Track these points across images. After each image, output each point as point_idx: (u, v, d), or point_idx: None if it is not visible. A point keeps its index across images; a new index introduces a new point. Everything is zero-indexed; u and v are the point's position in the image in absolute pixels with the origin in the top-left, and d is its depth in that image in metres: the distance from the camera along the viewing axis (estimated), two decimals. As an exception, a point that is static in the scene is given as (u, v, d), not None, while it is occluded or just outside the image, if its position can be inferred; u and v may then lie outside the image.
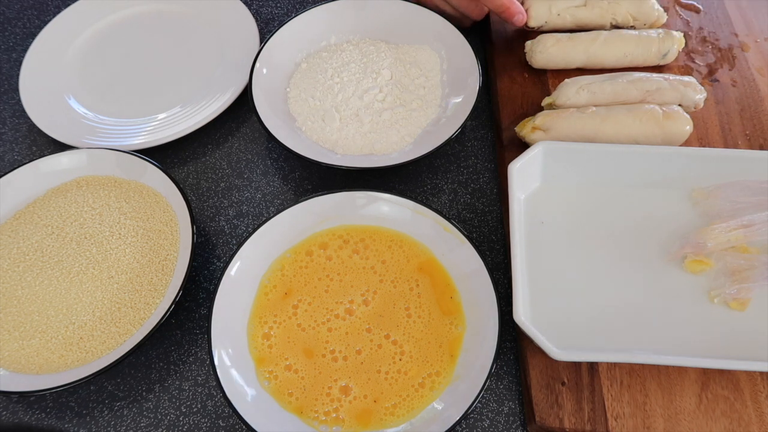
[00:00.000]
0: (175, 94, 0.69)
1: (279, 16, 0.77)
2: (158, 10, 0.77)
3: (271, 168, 0.65)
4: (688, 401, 0.47)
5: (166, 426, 0.51)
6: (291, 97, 0.65)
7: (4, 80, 0.74)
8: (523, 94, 0.65)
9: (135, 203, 0.57)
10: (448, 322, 0.51)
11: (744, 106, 0.63)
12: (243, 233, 0.61)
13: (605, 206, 0.56)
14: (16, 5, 0.82)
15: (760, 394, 0.47)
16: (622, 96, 0.60)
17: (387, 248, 0.55)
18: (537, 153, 0.55)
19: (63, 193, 0.59)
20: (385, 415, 0.48)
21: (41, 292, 0.52)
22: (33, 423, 0.51)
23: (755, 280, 0.50)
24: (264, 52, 0.66)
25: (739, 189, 0.54)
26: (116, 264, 0.54)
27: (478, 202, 0.62)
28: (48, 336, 0.51)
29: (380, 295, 0.53)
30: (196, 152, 0.67)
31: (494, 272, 0.51)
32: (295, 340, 0.51)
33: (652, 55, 0.64)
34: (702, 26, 0.70)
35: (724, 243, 0.52)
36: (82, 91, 0.70)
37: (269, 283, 0.54)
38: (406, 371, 0.49)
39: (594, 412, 0.47)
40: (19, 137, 0.69)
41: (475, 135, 0.66)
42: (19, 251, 0.55)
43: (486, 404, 0.51)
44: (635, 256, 0.53)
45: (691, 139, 0.60)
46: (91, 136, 0.66)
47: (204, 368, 0.54)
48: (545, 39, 0.64)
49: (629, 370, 0.49)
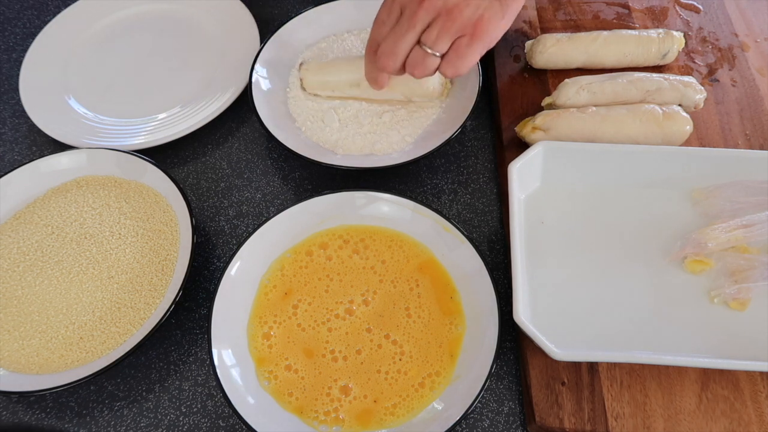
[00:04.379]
0: (175, 94, 0.69)
1: (279, 16, 0.77)
2: (158, 10, 0.77)
3: (271, 168, 0.65)
4: (688, 401, 0.47)
5: (166, 426, 0.51)
6: (291, 97, 0.65)
7: (4, 80, 0.74)
8: (523, 94, 0.65)
9: (135, 203, 0.57)
10: (448, 322, 0.51)
11: (744, 106, 0.63)
12: (243, 233, 0.61)
13: (605, 206, 0.56)
14: (16, 5, 0.82)
15: (760, 394, 0.47)
16: (622, 96, 0.60)
17: (387, 248, 0.55)
18: (537, 153, 0.55)
19: (63, 193, 0.59)
20: (385, 415, 0.48)
21: (41, 292, 0.52)
22: (33, 423, 0.51)
23: (755, 280, 0.50)
24: (264, 52, 0.66)
25: (739, 189, 0.54)
26: (116, 264, 0.54)
27: (478, 202, 0.62)
28: (48, 336, 0.51)
29: (380, 295, 0.53)
30: (196, 152, 0.66)
31: (494, 272, 0.51)
32: (295, 340, 0.51)
33: (652, 55, 0.64)
34: (702, 26, 0.70)
35: (724, 243, 0.52)
36: (82, 91, 0.70)
37: (269, 283, 0.54)
38: (406, 371, 0.49)
39: (594, 412, 0.47)
40: (19, 137, 0.69)
41: (475, 135, 0.66)
42: (19, 251, 0.55)
43: (486, 404, 0.51)
44: (635, 256, 0.53)
45: (691, 139, 0.60)
46: (91, 136, 0.66)
47: (204, 368, 0.54)
48: (545, 39, 0.64)
49: (629, 370, 0.49)
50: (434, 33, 0.49)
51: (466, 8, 0.48)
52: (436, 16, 0.48)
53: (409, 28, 0.49)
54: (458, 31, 0.49)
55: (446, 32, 0.49)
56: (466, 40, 0.49)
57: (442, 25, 0.48)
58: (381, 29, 0.52)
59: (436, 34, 0.49)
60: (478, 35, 0.49)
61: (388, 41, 0.51)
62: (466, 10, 0.48)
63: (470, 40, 0.49)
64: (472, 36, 0.49)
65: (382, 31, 0.51)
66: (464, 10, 0.48)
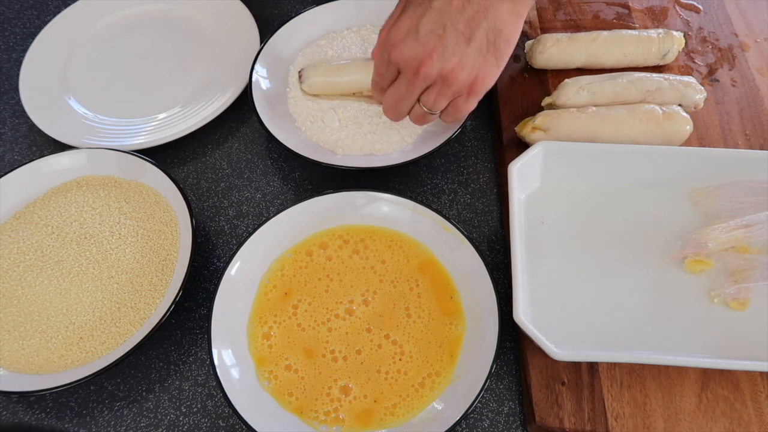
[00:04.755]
0: (175, 94, 0.69)
1: (279, 16, 0.77)
2: (158, 10, 0.77)
3: (271, 168, 0.65)
4: (688, 401, 0.47)
5: (166, 426, 0.51)
6: (291, 97, 0.65)
7: (4, 80, 0.74)
8: (523, 94, 0.65)
9: (135, 203, 0.57)
10: (448, 322, 0.51)
11: (744, 106, 0.63)
12: (243, 233, 0.61)
13: (605, 206, 0.56)
14: (16, 5, 0.82)
15: (760, 394, 0.47)
16: (622, 96, 0.60)
17: (387, 248, 0.55)
18: (537, 153, 0.55)
19: (63, 193, 0.58)
20: (385, 415, 0.48)
21: (41, 292, 0.52)
22: (33, 423, 0.51)
23: (755, 280, 0.50)
24: (264, 52, 0.66)
25: (739, 189, 0.54)
26: (116, 264, 0.54)
27: (478, 202, 0.62)
28: (48, 336, 0.51)
29: (380, 295, 0.53)
30: (196, 152, 0.66)
31: (494, 272, 0.51)
32: (295, 340, 0.51)
33: (652, 55, 0.64)
34: (702, 26, 0.70)
35: (724, 243, 0.52)
36: (82, 91, 0.70)
37: (269, 283, 0.54)
38: (406, 371, 0.49)
39: (594, 412, 0.47)
40: (19, 137, 0.69)
41: (475, 135, 0.66)
42: (19, 251, 0.55)
43: (486, 404, 0.51)
44: (635, 256, 0.53)
45: (691, 139, 0.60)
46: (91, 136, 0.65)
47: (204, 368, 0.54)
48: (545, 39, 0.64)
49: (629, 370, 0.49)
50: (432, 97, 0.50)
51: (461, 72, 0.47)
52: (432, 83, 0.49)
53: (408, 93, 0.50)
54: (455, 93, 0.49)
55: (443, 96, 0.50)
56: (463, 99, 0.50)
57: (439, 90, 0.49)
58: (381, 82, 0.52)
59: (434, 98, 0.50)
60: (475, 92, 0.49)
61: (388, 100, 0.52)
62: (462, 74, 0.47)
63: (467, 97, 0.50)
64: (469, 94, 0.50)
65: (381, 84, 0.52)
66: (460, 75, 0.47)
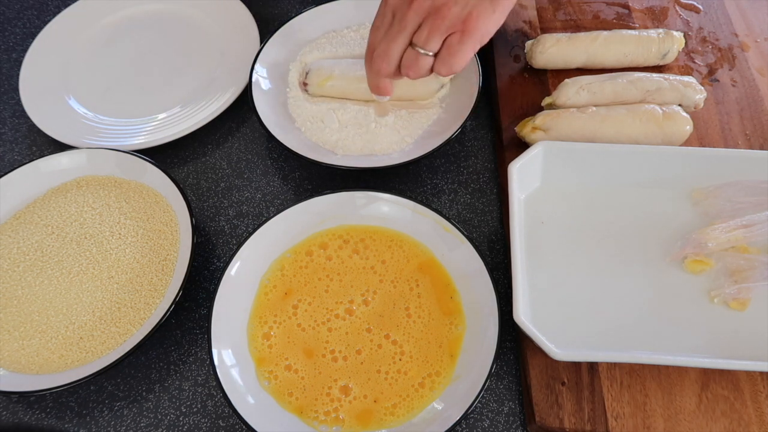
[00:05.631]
0: (175, 94, 0.69)
1: (279, 16, 0.77)
2: (158, 10, 0.77)
3: (271, 168, 0.65)
4: (688, 401, 0.47)
5: (166, 426, 0.51)
6: (291, 97, 0.65)
7: (4, 80, 0.74)
8: (523, 94, 0.65)
9: (135, 203, 0.57)
10: (448, 322, 0.51)
11: (744, 106, 0.63)
12: (243, 233, 0.61)
13: (605, 206, 0.56)
14: (16, 5, 0.82)
15: (760, 394, 0.47)
16: (622, 96, 0.60)
17: (387, 248, 0.55)
18: (537, 153, 0.55)
19: (63, 193, 0.59)
20: (385, 415, 0.48)
21: (41, 292, 0.52)
22: (33, 423, 0.51)
23: (755, 280, 0.50)
24: (264, 52, 0.66)
25: (739, 189, 0.54)
26: (116, 264, 0.54)
27: (478, 202, 0.62)
28: (48, 336, 0.51)
29: (380, 295, 0.53)
30: (196, 152, 0.66)
31: (494, 272, 0.51)
32: (295, 340, 0.51)
33: (652, 55, 0.64)
34: (702, 26, 0.70)
35: (724, 243, 0.52)
36: (82, 91, 0.70)
37: (269, 283, 0.54)
38: (406, 371, 0.49)
39: (594, 412, 0.47)
40: (19, 137, 0.69)
41: (475, 135, 0.66)
42: (19, 251, 0.55)
43: (486, 404, 0.51)
44: (635, 256, 0.53)
45: (691, 139, 0.59)
46: (91, 136, 0.66)
47: (204, 368, 0.54)
48: (545, 39, 0.64)
49: (629, 370, 0.49)
50: (425, 32, 0.49)
51: (454, 6, 0.48)
52: (425, 17, 0.48)
53: (400, 30, 0.50)
54: (448, 28, 0.49)
55: (436, 31, 0.49)
56: (457, 37, 0.49)
57: (432, 24, 0.48)
58: (376, 35, 0.52)
59: (427, 33, 0.49)
60: (469, 31, 0.49)
61: (381, 45, 0.51)
62: (455, 8, 0.48)
63: (461, 36, 0.49)
64: (463, 33, 0.49)
65: (377, 36, 0.52)
66: (453, 8, 0.48)
